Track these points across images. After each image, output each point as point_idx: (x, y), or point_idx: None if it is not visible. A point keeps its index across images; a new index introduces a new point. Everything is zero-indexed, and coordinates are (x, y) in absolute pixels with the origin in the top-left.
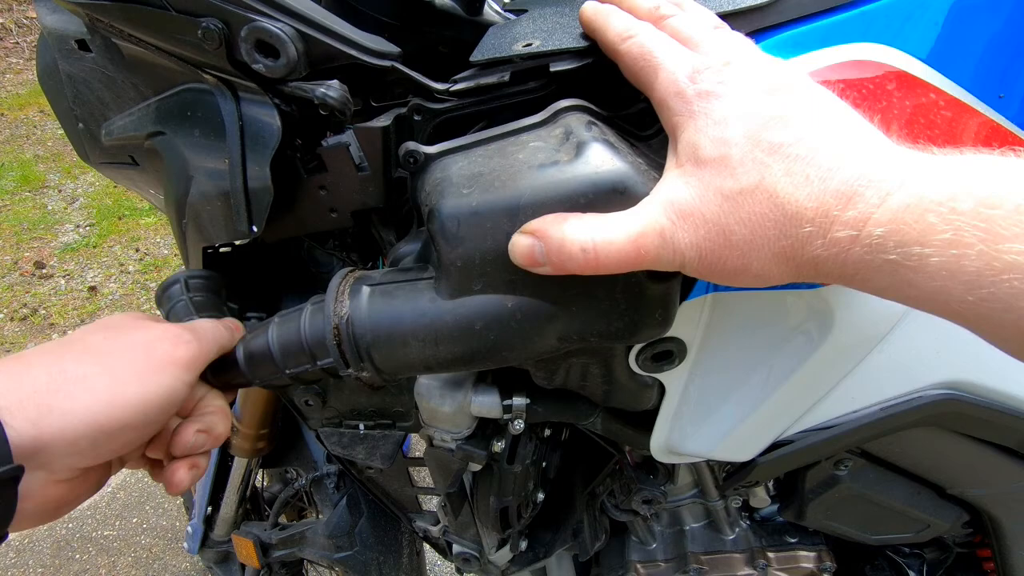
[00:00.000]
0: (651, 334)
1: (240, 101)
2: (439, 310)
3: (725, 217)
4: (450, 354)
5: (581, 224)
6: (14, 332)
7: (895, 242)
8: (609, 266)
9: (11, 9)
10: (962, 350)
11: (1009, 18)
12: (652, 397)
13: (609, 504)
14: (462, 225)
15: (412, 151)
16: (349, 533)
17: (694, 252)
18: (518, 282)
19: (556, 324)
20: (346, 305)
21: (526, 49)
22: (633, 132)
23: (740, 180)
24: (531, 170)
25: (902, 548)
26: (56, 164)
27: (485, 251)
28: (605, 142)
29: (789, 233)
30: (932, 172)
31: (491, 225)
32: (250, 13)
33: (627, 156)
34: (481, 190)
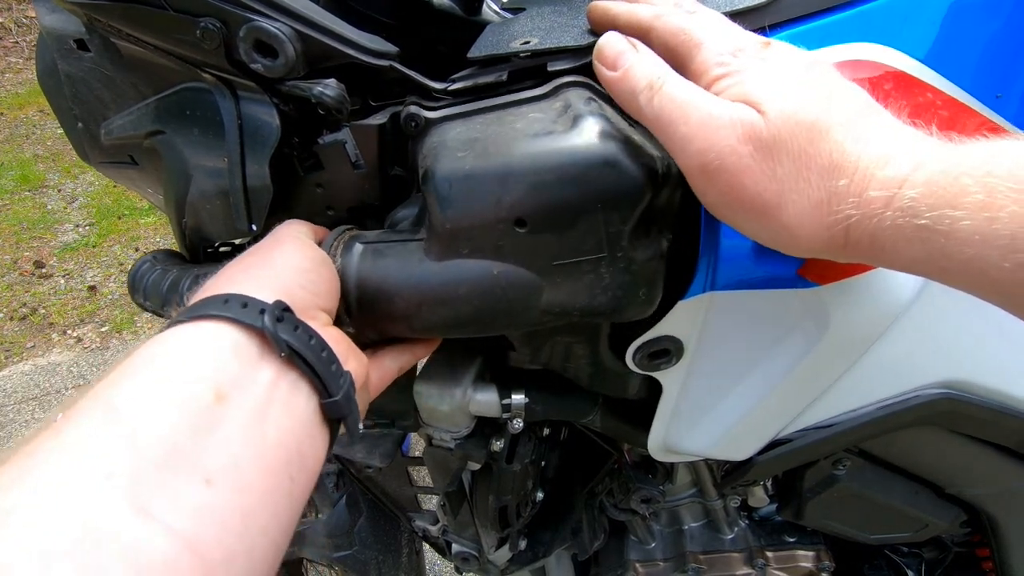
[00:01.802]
0: (635, 312)
1: (239, 100)
2: (426, 271)
3: (777, 143)
4: (434, 316)
5: (667, 71)
6: (13, 332)
7: (928, 205)
8: (652, 115)
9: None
10: (959, 349)
11: (1007, 18)
12: (637, 385)
13: (608, 503)
14: (454, 187)
15: (414, 114)
16: (348, 532)
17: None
18: (505, 248)
19: (540, 296)
20: (338, 261)
21: (524, 47)
22: None
23: (800, 110)
24: (526, 139)
25: (900, 547)
26: (56, 163)
27: (475, 214)
28: (601, 116)
29: (827, 184)
30: (965, 145)
31: (482, 189)
32: (248, 13)
33: (622, 132)
34: (475, 155)
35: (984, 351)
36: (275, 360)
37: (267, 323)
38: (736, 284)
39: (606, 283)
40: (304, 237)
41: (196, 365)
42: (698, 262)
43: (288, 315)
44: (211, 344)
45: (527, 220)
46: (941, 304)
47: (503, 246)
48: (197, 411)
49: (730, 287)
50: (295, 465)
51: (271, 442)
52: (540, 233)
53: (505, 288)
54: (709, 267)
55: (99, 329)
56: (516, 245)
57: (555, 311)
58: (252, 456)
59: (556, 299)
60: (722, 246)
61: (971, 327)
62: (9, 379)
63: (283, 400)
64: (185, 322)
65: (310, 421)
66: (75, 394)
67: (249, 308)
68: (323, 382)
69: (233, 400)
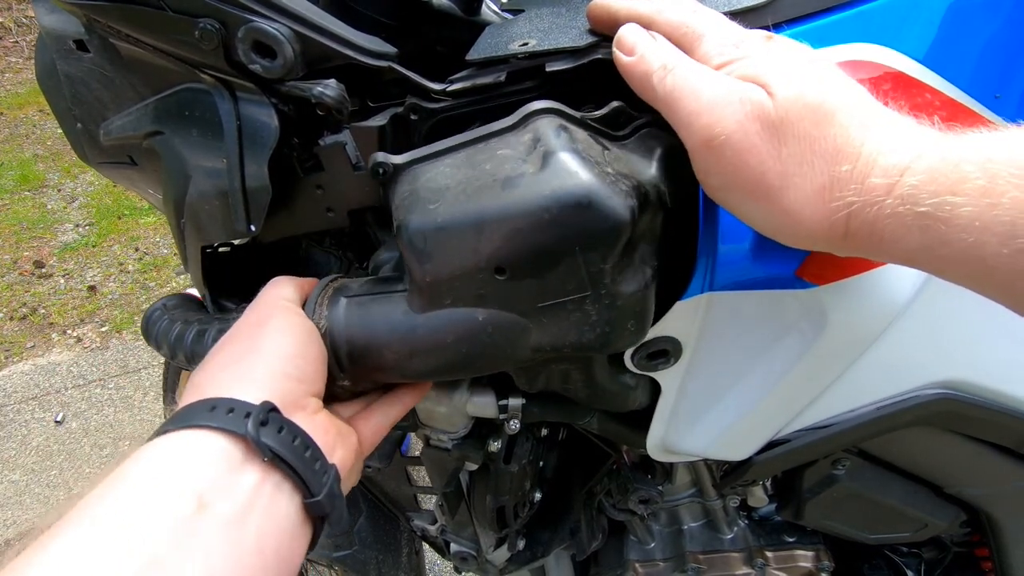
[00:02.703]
0: (625, 344)
1: (238, 101)
2: (412, 324)
3: (784, 124)
4: (425, 366)
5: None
6: (13, 331)
7: (929, 192)
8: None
9: (10, 8)
10: (958, 349)
11: (1006, 19)
12: (637, 398)
13: (606, 503)
14: (429, 241)
15: (381, 163)
16: (348, 532)
17: (743, 140)
18: (488, 296)
19: (528, 336)
20: (324, 320)
21: (522, 48)
22: (607, 133)
23: (807, 93)
24: (496, 184)
25: (900, 547)
26: (55, 163)
27: (453, 267)
28: (573, 151)
29: (831, 169)
30: (965, 135)
31: (457, 241)
32: (247, 14)
33: (595, 166)
34: (447, 205)
35: (983, 351)
36: (259, 463)
37: (250, 430)
38: (734, 285)
39: (593, 320)
40: (289, 306)
41: (180, 476)
42: (696, 263)
43: (274, 415)
44: (196, 453)
45: (506, 268)
46: (940, 304)
47: (485, 294)
48: (178, 522)
49: (728, 288)
50: (273, 567)
51: (250, 547)
52: (521, 279)
53: (492, 333)
54: (707, 268)
55: (99, 329)
56: (498, 292)
57: (545, 349)
58: (230, 563)
59: (545, 339)
60: (720, 247)
61: (970, 327)
62: (9, 379)
63: (265, 504)
64: (173, 431)
65: (292, 521)
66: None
67: (235, 414)
68: (305, 482)
69: (215, 508)
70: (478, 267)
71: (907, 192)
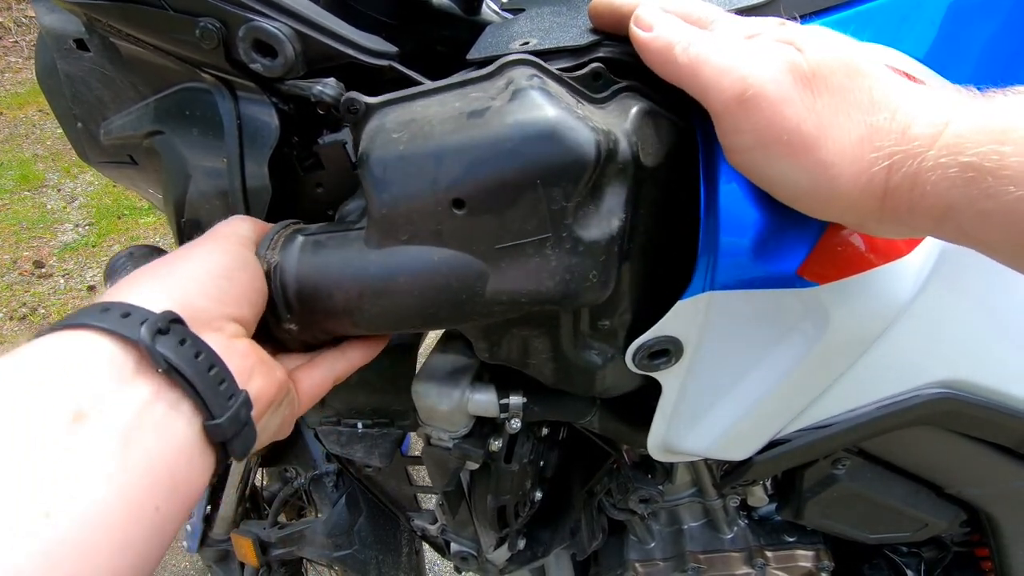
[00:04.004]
0: (588, 298)
1: (238, 100)
2: (364, 260)
3: (817, 75)
4: (375, 308)
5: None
6: (13, 331)
7: (975, 141)
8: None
9: (10, 8)
10: (959, 349)
11: (1006, 18)
12: (606, 380)
13: (607, 503)
14: (388, 170)
15: (353, 99)
16: (348, 532)
17: (778, 91)
18: (445, 233)
19: (484, 281)
20: (276, 257)
21: (523, 48)
22: (586, 94)
23: (837, 49)
24: (462, 116)
25: (900, 547)
26: (55, 163)
27: (411, 197)
28: (542, 90)
29: (868, 120)
30: (1007, 91)
31: (416, 170)
32: (248, 13)
33: (563, 104)
34: (410, 135)
35: (984, 351)
36: (153, 377)
37: (144, 335)
38: (735, 284)
39: (553, 266)
40: (232, 235)
41: (56, 382)
42: (697, 261)
43: (177, 327)
44: (78, 358)
45: (465, 201)
46: (941, 304)
47: (442, 230)
48: (47, 435)
49: (729, 287)
50: (163, 493)
51: (134, 467)
52: (479, 214)
53: (447, 275)
54: (708, 267)
55: None
56: (455, 229)
57: (502, 299)
58: (105, 484)
59: (502, 286)
60: (721, 245)
61: (971, 327)
62: None
63: (157, 421)
64: (58, 331)
65: (190, 444)
66: None
67: (131, 318)
68: (204, 401)
69: (93, 420)
70: (436, 199)
71: (951, 142)
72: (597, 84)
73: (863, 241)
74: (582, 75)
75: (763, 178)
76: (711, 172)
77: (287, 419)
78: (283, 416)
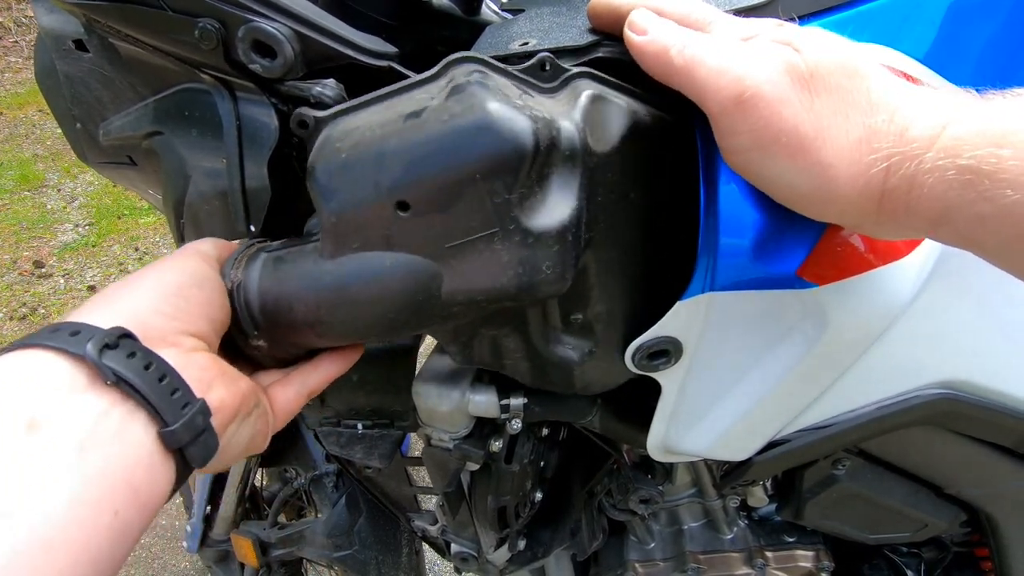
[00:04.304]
0: (546, 290)
1: (237, 101)
2: (320, 271)
3: (815, 76)
4: (335, 319)
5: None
6: (13, 331)
7: (972, 144)
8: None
9: (10, 8)
10: (959, 350)
11: (1007, 19)
12: (586, 378)
13: (607, 504)
14: (333, 178)
15: (301, 115)
16: (348, 532)
17: (775, 92)
18: (394, 237)
19: (439, 282)
20: (239, 275)
21: (522, 48)
22: (534, 84)
23: (835, 50)
24: (400, 118)
25: (900, 547)
26: (55, 163)
27: (356, 203)
28: (480, 84)
29: (867, 121)
30: (1007, 94)
31: (359, 175)
32: (247, 13)
33: (501, 95)
34: (352, 143)
35: (984, 351)
36: (106, 389)
37: (90, 350)
38: (735, 284)
39: (505, 261)
40: (195, 255)
41: (9, 395)
42: (697, 262)
43: (126, 341)
44: (30, 374)
45: (409, 202)
46: (940, 304)
47: (390, 235)
48: (2, 442)
49: (729, 288)
50: (122, 498)
51: (91, 472)
52: (425, 215)
53: (401, 280)
54: (708, 267)
55: None
56: (403, 231)
57: (460, 299)
58: (62, 488)
59: (457, 286)
60: (721, 246)
61: (970, 327)
62: None
63: (114, 430)
64: (10, 351)
65: (148, 451)
66: None
67: (79, 336)
68: (157, 410)
69: (48, 430)
70: (380, 203)
71: (950, 144)
72: (546, 74)
73: (863, 242)
74: (529, 66)
75: (761, 179)
76: (711, 173)
77: (260, 432)
78: (254, 428)
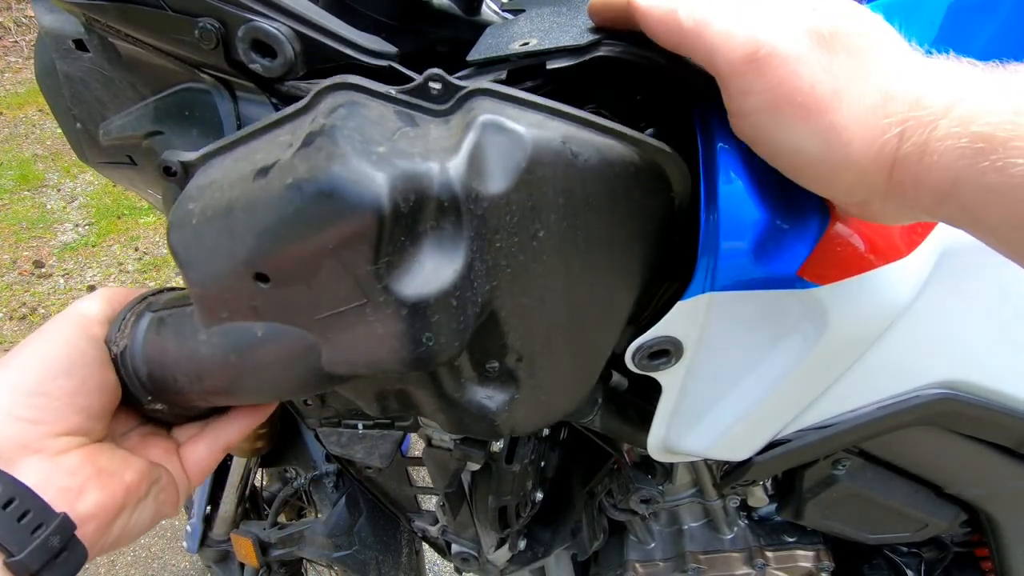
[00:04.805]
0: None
1: (238, 101)
2: (196, 341)
3: (835, 36)
4: (217, 388)
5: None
6: (13, 331)
7: (987, 110)
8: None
9: (10, 8)
10: (959, 350)
11: (1007, 18)
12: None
13: (607, 503)
14: (188, 248)
15: (166, 162)
16: (348, 532)
17: (793, 49)
18: (261, 308)
19: (317, 354)
20: (126, 336)
21: (523, 48)
22: (423, 107)
23: (855, 14)
24: (251, 174)
25: (900, 547)
26: (55, 163)
27: (215, 276)
28: (333, 133)
29: (883, 85)
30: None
31: (213, 245)
32: (247, 13)
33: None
34: (203, 205)
35: (984, 351)
36: None
37: None
38: (735, 285)
39: (380, 333)
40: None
41: None
42: (697, 262)
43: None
44: None
45: (267, 275)
46: (940, 304)
47: (256, 306)
48: None
49: (729, 288)
50: None
51: None
52: (286, 287)
53: (276, 351)
54: (708, 268)
55: None
56: (268, 303)
57: (342, 371)
58: None
59: (337, 357)
60: (721, 246)
61: (971, 327)
62: None
63: None
64: None
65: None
66: None
67: None
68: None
69: None
70: (239, 274)
71: (965, 112)
72: (436, 92)
73: (863, 242)
74: (416, 87)
75: (770, 144)
76: (711, 173)
77: (167, 502)
78: (157, 504)
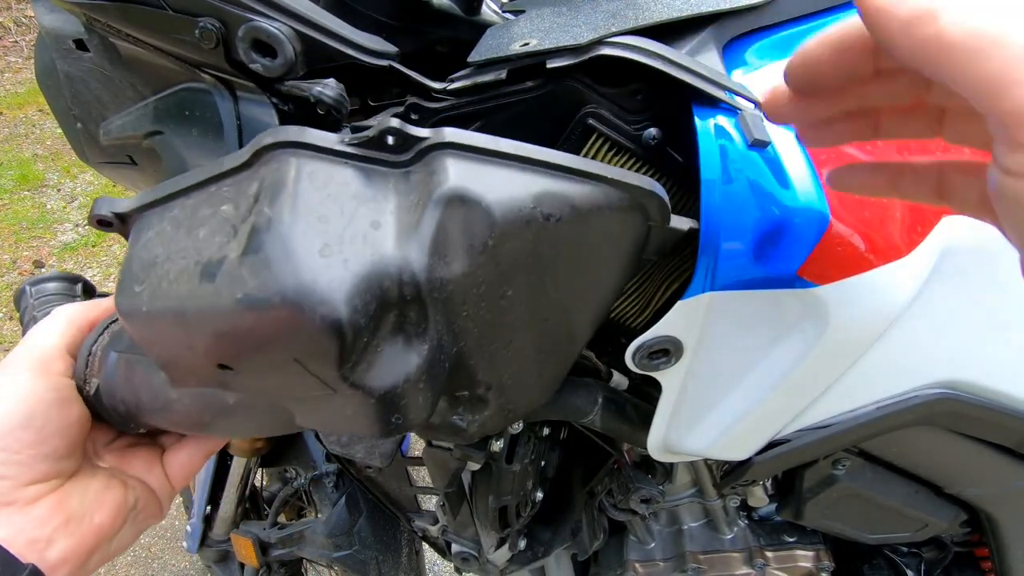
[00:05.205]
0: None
1: (238, 100)
2: (168, 398)
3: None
4: (195, 431)
5: None
6: (13, 331)
7: None
8: (965, 57)
9: (10, 7)
10: (959, 349)
11: None
12: (485, 427)
13: (607, 503)
14: (142, 328)
15: (98, 215)
16: (348, 532)
17: None
18: (229, 384)
19: (290, 418)
20: (96, 375)
21: (524, 48)
22: (382, 160)
23: None
24: (196, 269)
25: (900, 547)
26: (55, 163)
27: (177, 356)
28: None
29: None
30: None
31: (169, 332)
32: (247, 13)
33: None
34: (151, 289)
35: (984, 351)
36: None
37: None
38: (735, 284)
39: (350, 414)
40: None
41: None
42: (697, 262)
43: None
44: None
45: (229, 364)
46: (940, 304)
47: (225, 382)
48: None
49: (730, 287)
50: None
51: None
52: (251, 375)
53: (248, 415)
54: (708, 267)
55: None
56: (236, 383)
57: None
58: None
59: (310, 422)
60: (721, 246)
61: (971, 327)
62: None
63: None
64: None
65: None
66: None
67: None
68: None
69: None
70: (199, 362)
71: None
72: (394, 146)
73: (863, 241)
74: (372, 139)
75: None
76: (711, 173)
77: (147, 521)
78: (137, 525)
